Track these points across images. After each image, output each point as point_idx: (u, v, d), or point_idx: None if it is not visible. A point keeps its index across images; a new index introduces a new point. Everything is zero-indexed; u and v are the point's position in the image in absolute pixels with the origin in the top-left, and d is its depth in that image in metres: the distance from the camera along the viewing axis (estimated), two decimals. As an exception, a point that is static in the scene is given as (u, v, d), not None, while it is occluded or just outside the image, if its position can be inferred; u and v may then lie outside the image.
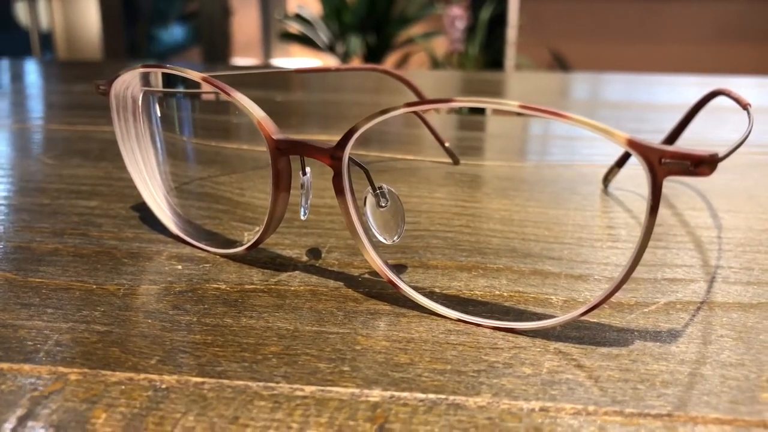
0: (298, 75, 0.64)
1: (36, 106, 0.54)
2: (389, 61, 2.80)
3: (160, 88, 0.24)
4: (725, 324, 0.20)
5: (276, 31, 2.95)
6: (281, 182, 0.21)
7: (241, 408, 0.16)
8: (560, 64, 2.77)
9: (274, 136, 0.21)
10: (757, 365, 0.18)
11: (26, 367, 0.18)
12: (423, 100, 0.18)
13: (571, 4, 2.75)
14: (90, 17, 1.91)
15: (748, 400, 0.17)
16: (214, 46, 2.62)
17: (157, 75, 0.23)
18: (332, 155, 0.20)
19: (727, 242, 0.26)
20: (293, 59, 3.22)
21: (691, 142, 0.40)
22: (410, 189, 0.30)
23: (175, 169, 0.26)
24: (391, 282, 0.21)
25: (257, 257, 0.24)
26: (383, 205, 0.21)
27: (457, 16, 2.58)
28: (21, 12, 2.06)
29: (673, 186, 0.33)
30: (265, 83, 0.63)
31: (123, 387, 0.17)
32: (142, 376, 0.17)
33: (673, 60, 2.68)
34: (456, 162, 0.32)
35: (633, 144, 0.16)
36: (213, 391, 0.17)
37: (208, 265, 0.24)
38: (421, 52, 2.82)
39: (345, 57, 2.66)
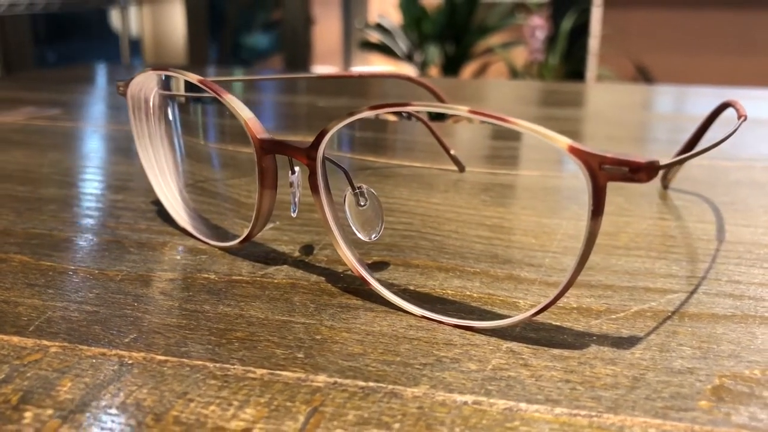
0: (349, 81, 0.65)
1: (101, 108, 0.58)
2: (467, 71, 2.80)
3: (169, 91, 0.26)
4: (689, 333, 0.20)
5: (356, 39, 3.00)
6: (266, 180, 0.22)
7: (193, 385, 0.17)
8: (644, 76, 2.71)
9: (259, 136, 0.22)
10: (708, 374, 0.18)
11: (15, 338, 0.19)
12: (383, 104, 0.19)
13: (657, 14, 2.68)
14: (176, 25, 2.00)
15: (683, 406, 0.17)
16: (296, 53, 2.68)
17: (166, 77, 0.25)
18: (308, 155, 0.21)
19: (724, 255, 0.26)
20: (372, 67, 3.26)
21: (710, 153, 0.39)
22: (410, 193, 0.31)
23: (186, 169, 0.27)
24: (362, 278, 0.22)
25: (253, 251, 0.26)
26: (362, 204, 0.22)
27: (537, 25, 2.56)
28: (115, 19, 2.16)
29: (688, 198, 0.32)
30: (318, 88, 0.64)
31: (94, 361, 0.18)
32: (114, 352, 0.19)
33: None
34: (461, 169, 0.33)
35: (574, 150, 0.17)
36: (172, 369, 0.18)
37: (204, 256, 0.25)
38: (500, 62, 2.81)
39: (423, 66, 2.68)
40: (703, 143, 0.32)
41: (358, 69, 3.15)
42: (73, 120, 0.49)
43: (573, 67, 2.60)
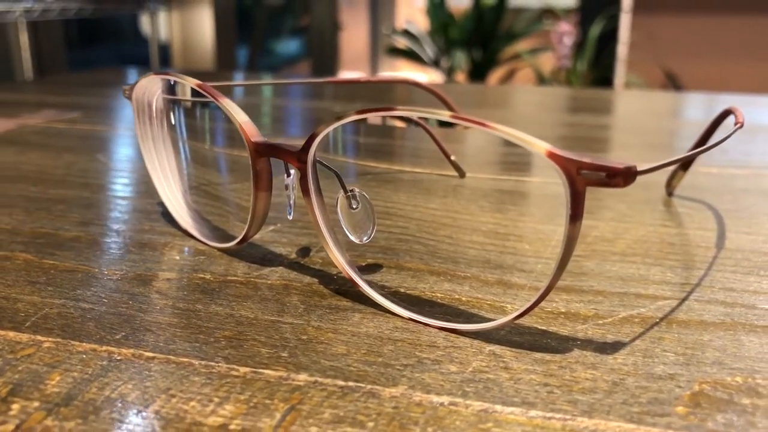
0: (367, 87, 0.66)
1: (120, 112, 0.59)
2: (494, 77, 2.79)
3: (170, 95, 0.26)
4: (675, 340, 0.20)
5: (383, 45, 3.01)
6: (260, 182, 0.23)
7: (177, 381, 0.18)
8: (673, 83, 2.68)
9: (253, 139, 0.22)
10: (688, 380, 0.18)
11: (11, 333, 0.20)
12: (369, 108, 0.19)
13: (686, 21, 2.65)
14: (205, 30, 2.02)
15: (659, 412, 0.17)
16: (323, 59, 2.69)
17: (167, 81, 0.26)
18: (298, 158, 0.21)
19: (720, 262, 0.26)
20: (399, 73, 3.26)
21: (719, 161, 0.39)
22: (408, 198, 0.31)
23: (188, 172, 0.28)
24: (351, 280, 0.22)
25: (251, 252, 0.26)
26: (354, 207, 0.23)
27: (565, 32, 2.55)
28: (145, 24, 2.19)
29: (692, 206, 0.32)
30: (336, 94, 0.65)
31: (84, 356, 0.19)
32: (104, 348, 0.19)
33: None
34: (462, 175, 0.33)
35: (552, 155, 0.17)
36: (158, 365, 0.18)
37: (203, 257, 0.26)
38: (527, 68, 2.80)
39: (450, 72, 2.68)
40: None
41: (383, 74, 3.15)
42: (91, 123, 0.50)
43: (601, 74, 2.58)
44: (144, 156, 0.28)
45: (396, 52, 2.79)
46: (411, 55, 2.75)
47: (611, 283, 0.24)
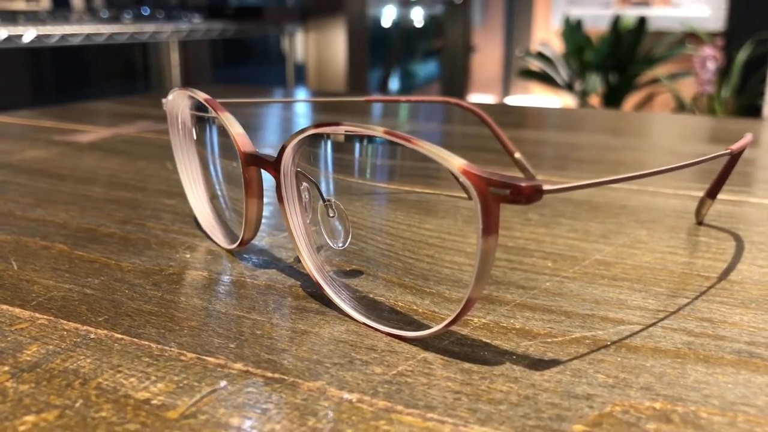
0: (422, 105, 0.67)
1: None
2: (630, 101, 2.70)
3: (191, 109, 0.29)
4: (615, 363, 0.20)
5: (516, 68, 2.99)
6: (250, 189, 0.25)
7: (129, 360, 0.20)
8: (831, 112, 2.48)
9: (243, 149, 0.25)
10: (604, 402, 0.18)
11: (17, 309, 0.23)
12: (322, 123, 0.21)
13: None
14: (338, 52, 2.10)
15: (555, 428, 0.17)
16: (454, 81, 2.72)
17: (189, 97, 0.28)
18: (274, 168, 0.23)
19: (713, 293, 0.25)
20: (530, 96, 3.23)
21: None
22: (405, 217, 0.32)
23: (209, 179, 0.30)
24: (317, 283, 0.24)
25: (255, 254, 0.28)
26: (331, 215, 0.24)
27: (709, 56, 2.43)
28: (285, 45, 2.31)
29: (718, 235, 0.31)
30: (388, 113, 0.67)
31: (64, 333, 0.21)
32: (85, 327, 0.22)
33: None
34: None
35: (465, 172, 0.18)
36: (121, 346, 0.21)
37: (211, 257, 0.28)
38: (666, 93, 2.69)
39: (583, 95, 2.62)
40: (733, 176, 0.31)
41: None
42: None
43: (747, 102, 2.44)
44: (177, 163, 0.31)
45: (528, 74, 2.77)
46: (544, 78, 2.71)
47: (582, 305, 0.24)
